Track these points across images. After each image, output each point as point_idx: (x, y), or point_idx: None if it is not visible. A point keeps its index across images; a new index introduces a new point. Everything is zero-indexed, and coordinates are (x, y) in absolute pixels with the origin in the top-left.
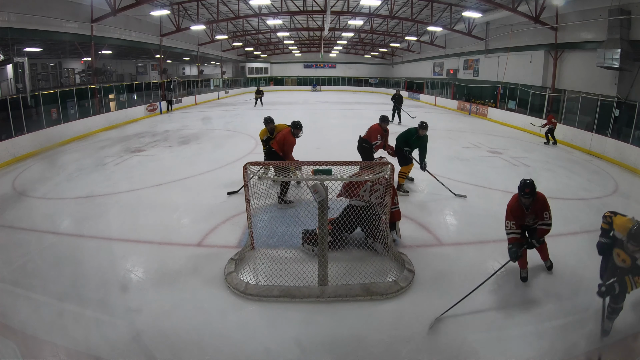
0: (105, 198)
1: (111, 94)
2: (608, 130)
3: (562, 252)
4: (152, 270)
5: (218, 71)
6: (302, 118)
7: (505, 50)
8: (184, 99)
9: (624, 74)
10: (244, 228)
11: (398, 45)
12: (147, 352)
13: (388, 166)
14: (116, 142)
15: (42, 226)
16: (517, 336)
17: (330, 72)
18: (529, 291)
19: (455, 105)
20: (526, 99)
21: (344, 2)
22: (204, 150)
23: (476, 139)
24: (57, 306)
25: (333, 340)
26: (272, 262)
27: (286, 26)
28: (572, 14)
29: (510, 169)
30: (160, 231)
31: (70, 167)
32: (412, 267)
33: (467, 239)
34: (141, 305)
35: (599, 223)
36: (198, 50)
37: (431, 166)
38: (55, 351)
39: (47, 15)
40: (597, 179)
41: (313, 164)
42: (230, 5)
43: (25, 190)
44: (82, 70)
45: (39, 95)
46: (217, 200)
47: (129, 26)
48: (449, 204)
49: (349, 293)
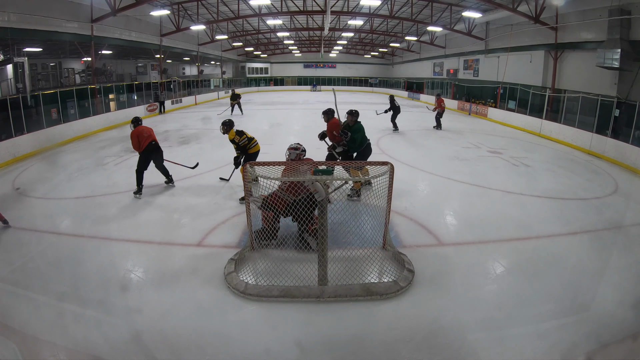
0: (105, 198)
1: (111, 94)
2: (608, 130)
3: (562, 252)
4: (152, 270)
5: (218, 71)
6: (303, 118)
7: (505, 50)
8: (184, 99)
9: (624, 74)
10: (244, 228)
11: (398, 45)
12: (147, 352)
13: (388, 166)
14: (116, 142)
15: (42, 226)
16: (517, 336)
17: (330, 72)
18: (529, 291)
19: (455, 105)
20: (526, 99)
21: (344, 2)
22: (204, 150)
23: (476, 139)
24: (57, 306)
25: (333, 340)
26: (272, 262)
27: (286, 26)
28: (572, 14)
29: (510, 169)
30: (160, 231)
31: (70, 167)
32: (412, 267)
33: (467, 239)
34: (141, 305)
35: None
36: (198, 50)
37: (431, 166)
38: (55, 351)
39: (47, 15)
40: (597, 179)
41: (313, 164)
42: (230, 5)
43: (25, 190)
44: (82, 70)
45: (39, 95)
46: (217, 200)
47: (129, 26)
48: (449, 204)
49: (348, 293)
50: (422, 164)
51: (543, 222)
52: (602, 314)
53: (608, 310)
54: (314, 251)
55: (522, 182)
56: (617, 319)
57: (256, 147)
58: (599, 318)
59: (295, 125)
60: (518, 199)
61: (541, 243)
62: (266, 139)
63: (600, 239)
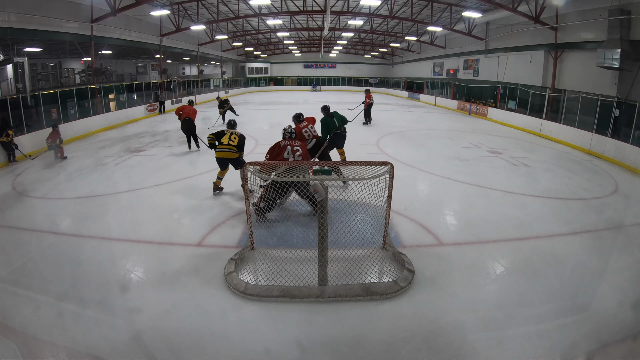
0: (105, 198)
1: (111, 94)
2: (608, 130)
3: (562, 252)
4: (152, 270)
5: (218, 71)
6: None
7: (505, 50)
8: (184, 99)
9: (624, 74)
10: (244, 228)
11: (398, 45)
12: (147, 352)
13: (388, 166)
14: (116, 142)
15: (42, 226)
16: (517, 336)
17: (330, 72)
18: (529, 291)
19: (455, 105)
20: (526, 99)
21: (344, 2)
22: (204, 150)
23: (476, 139)
24: (57, 306)
25: (333, 340)
26: (272, 262)
27: (286, 26)
28: (572, 14)
29: (510, 169)
30: (160, 231)
31: (70, 167)
32: (412, 267)
33: (467, 239)
34: (141, 305)
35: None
36: (198, 50)
37: (431, 166)
38: (55, 351)
39: (47, 15)
40: (597, 179)
41: (313, 164)
42: (230, 5)
43: (25, 190)
44: (82, 70)
45: (39, 95)
46: (217, 200)
47: (129, 26)
48: (449, 204)
49: (348, 293)
50: (422, 164)
51: (543, 222)
52: (602, 314)
53: (608, 310)
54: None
55: (522, 182)
56: (617, 319)
57: (219, 154)
58: (599, 318)
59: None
60: (518, 199)
61: (541, 243)
62: (266, 138)
63: (600, 239)
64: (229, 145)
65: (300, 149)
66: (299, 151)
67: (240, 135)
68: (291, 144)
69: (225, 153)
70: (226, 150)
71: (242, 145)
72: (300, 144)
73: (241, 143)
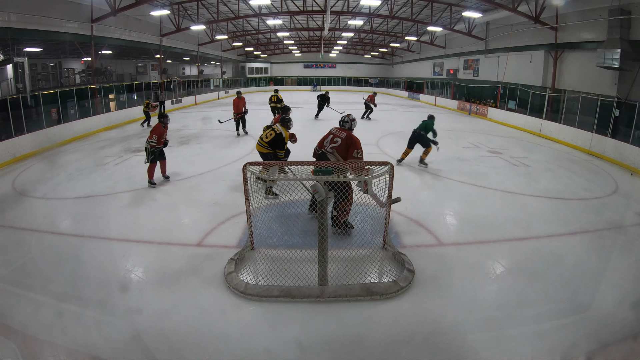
0: (105, 198)
1: (111, 94)
2: (608, 130)
3: (562, 252)
4: (152, 270)
5: (218, 71)
6: (304, 118)
7: (505, 50)
8: (184, 99)
9: (624, 74)
10: (244, 228)
11: (398, 45)
12: (147, 352)
13: (388, 166)
14: (116, 142)
15: (42, 226)
16: (517, 336)
17: (330, 72)
18: (529, 291)
19: (455, 105)
20: (526, 99)
21: (344, 2)
22: (204, 150)
23: (476, 139)
24: (57, 306)
25: (333, 340)
26: (272, 262)
27: (286, 26)
28: (572, 14)
29: (510, 169)
30: (160, 231)
31: (70, 167)
32: (412, 267)
33: (467, 239)
34: (141, 305)
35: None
36: (198, 50)
37: (431, 166)
38: (55, 351)
39: (47, 15)
40: (597, 179)
41: (314, 164)
42: (230, 5)
43: (25, 190)
44: (82, 70)
45: (39, 95)
46: (217, 200)
47: (129, 26)
48: (449, 203)
49: (348, 293)
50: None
51: (543, 222)
52: (602, 314)
53: (608, 310)
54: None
55: (522, 182)
56: (617, 319)
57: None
58: (599, 318)
59: (295, 125)
60: (518, 199)
61: (541, 243)
62: None
63: (600, 239)
64: (261, 140)
65: (340, 140)
66: (337, 142)
67: (278, 133)
68: (335, 133)
69: (258, 147)
70: (258, 144)
71: (275, 143)
72: (346, 136)
73: (274, 140)
